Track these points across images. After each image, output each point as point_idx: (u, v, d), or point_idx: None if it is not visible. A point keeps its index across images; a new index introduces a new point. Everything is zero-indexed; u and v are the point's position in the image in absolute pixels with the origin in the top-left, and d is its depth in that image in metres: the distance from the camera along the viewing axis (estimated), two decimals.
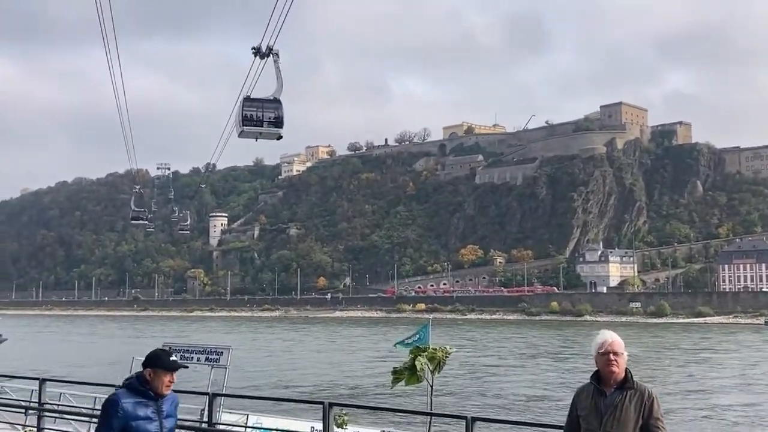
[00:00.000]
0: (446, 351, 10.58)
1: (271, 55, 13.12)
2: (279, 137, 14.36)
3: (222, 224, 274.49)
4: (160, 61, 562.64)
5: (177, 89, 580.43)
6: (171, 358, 5.90)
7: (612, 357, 5.71)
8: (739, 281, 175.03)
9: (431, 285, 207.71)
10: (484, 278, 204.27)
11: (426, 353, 10.48)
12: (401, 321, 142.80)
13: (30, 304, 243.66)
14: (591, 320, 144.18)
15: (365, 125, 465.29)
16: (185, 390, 9.04)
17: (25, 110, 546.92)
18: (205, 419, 12.92)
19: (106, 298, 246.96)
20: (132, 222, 47.87)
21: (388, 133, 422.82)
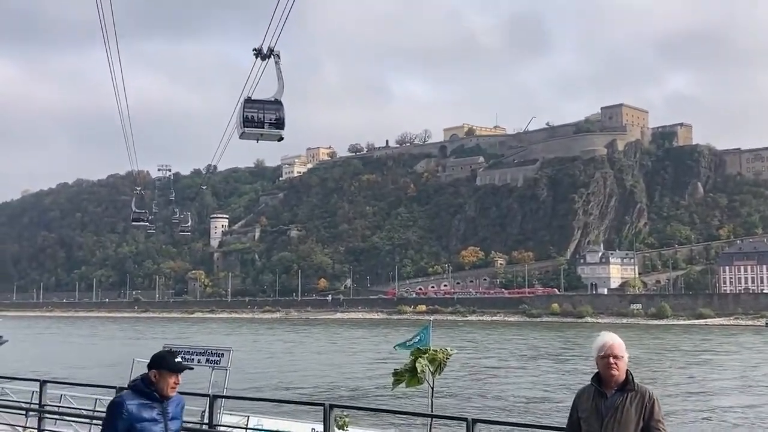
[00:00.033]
0: (447, 352, 10.57)
1: (273, 57, 13.12)
2: (280, 139, 14.32)
3: (223, 226, 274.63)
4: (161, 62, 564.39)
5: (177, 90, 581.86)
6: (176, 360, 5.86)
7: (612, 360, 5.70)
8: (740, 283, 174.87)
9: (432, 286, 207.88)
10: (485, 280, 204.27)
11: (427, 355, 10.47)
12: (402, 322, 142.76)
13: (31, 306, 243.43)
14: (592, 322, 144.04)
15: (366, 126, 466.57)
16: (186, 391, 9.04)
17: (26, 111, 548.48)
18: (206, 421, 12.93)
19: (107, 300, 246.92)
20: (133, 223, 47.73)
21: (389, 134, 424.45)
